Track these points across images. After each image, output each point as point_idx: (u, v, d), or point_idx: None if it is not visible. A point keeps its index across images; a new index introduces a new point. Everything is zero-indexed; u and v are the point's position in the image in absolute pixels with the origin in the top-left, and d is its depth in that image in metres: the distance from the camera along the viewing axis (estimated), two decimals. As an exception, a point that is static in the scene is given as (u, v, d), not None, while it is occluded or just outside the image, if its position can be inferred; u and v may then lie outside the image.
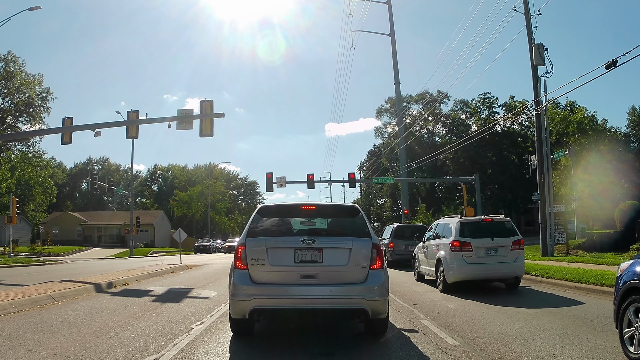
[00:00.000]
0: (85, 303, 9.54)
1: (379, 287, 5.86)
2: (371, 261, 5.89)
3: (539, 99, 18.92)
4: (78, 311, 8.49)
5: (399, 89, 49.11)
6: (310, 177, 39.49)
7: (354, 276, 5.83)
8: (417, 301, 9.78)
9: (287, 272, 5.84)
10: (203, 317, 7.80)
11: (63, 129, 22.17)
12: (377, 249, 6.00)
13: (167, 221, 75.40)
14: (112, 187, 42.99)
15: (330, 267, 5.84)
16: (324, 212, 7.01)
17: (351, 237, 6.07)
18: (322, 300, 5.75)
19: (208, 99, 20.43)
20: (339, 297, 5.76)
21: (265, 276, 5.83)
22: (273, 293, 5.76)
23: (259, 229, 6.21)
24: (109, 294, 11.03)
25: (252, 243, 5.98)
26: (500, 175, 48.51)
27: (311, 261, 5.84)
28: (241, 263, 5.92)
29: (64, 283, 11.77)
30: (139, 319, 7.68)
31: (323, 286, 5.78)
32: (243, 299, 5.77)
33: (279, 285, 5.80)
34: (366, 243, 6.00)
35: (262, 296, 5.73)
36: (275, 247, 5.94)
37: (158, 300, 9.86)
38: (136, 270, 17.15)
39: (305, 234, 6.11)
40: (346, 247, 5.92)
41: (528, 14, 19.75)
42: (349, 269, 5.84)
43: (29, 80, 48.68)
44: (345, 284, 5.81)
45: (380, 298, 5.87)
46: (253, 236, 6.08)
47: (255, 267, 5.85)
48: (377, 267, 5.92)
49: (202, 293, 11.03)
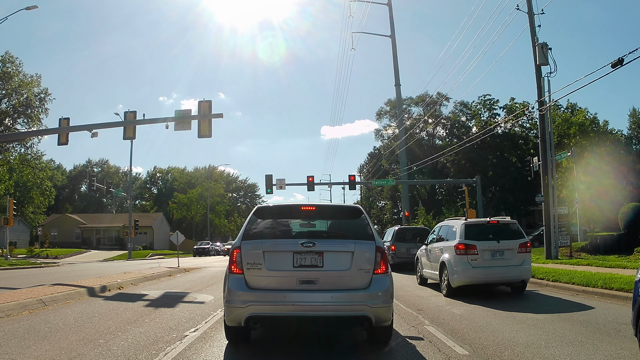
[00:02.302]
0: (76, 308, 9.21)
1: (383, 293, 5.46)
2: (375, 265, 5.51)
3: (542, 99, 18.61)
4: (68, 316, 8.15)
5: (400, 90, 48.81)
6: (310, 179, 39.24)
7: (357, 281, 5.46)
8: (421, 306, 9.46)
9: (286, 277, 5.44)
10: (198, 323, 7.47)
11: (59, 130, 21.88)
12: (381, 252, 5.61)
13: (167, 223, 75.05)
14: (110, 190, 42.66)
15: (331, 272, 5.45)
16: (325, 213, 6.59)
17: (353, 239, 5.69)
18: (323, 307, 5.36)
19: (206, 99, 20.16)
20: (340, 303, 5.37)
21: (262, 281, 5.44)
22: (270, 299, 5.37)
23: (256, 231, 5.79)
24: (102, 298, 10.70)
25: (248, 246, 5.58)
26: (501, 177, 48.17)
27: (311, 265, 5.46)
28: (236, 267, 5.51)
29: (56, 287, 11.43)
30: (131, 325, 7.35)
31: (324, 292, 5.39)
32: (238, 306, 5.37)
33: (277, 291, 5.39)
34: (370, 246, 5.60)
35: (258, 303, 5.34)
36: (273, 251, 5.54)
37: (152, 305, 9.52)
38: (132, 273, 16.82)
39: (304, 237, 5.72)
40: (348, 251, 5.54)
41: (531, 13, 19.49)
42: (352, 274, 5.46)
43: (27, 81, 48.35)
44: (348, 290, 5.42)
45: (385, 305, 5.48)
46: (249, 239, 5.67)
47: (251, 271, 5.45)
48: (382, 272, 5.54)
49: (198, 297, 10.69)
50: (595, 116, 46.28)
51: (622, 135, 47.76)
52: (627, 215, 24.00)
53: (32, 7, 24.09)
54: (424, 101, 55.20)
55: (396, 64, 48.14)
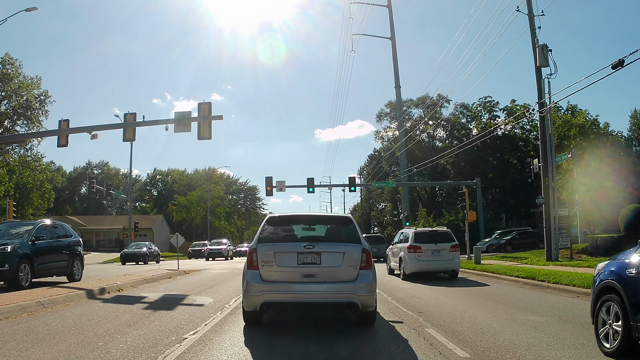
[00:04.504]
0: (75, 310, 9.17)
1: (368, 284, 6.80)
2: (361, 263, 6.82)
3: (542, 100, 18.60)
4: (67, 319, 8.11)
5: (400, 92, 48.85)
6: (310, 181, 39.23)
7: (347, 275, 6.77)
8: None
9: (291, 272, 6.77)
10: (197, 325, 7.43)
11: (59, 132, 21.85)
12: (366, 253, 6.92)
13: (166, 226, 74.91)
14: (110, 191, 42.60)
15: (327, 268, 6.77)
16: (322, 221, 8.21)
17: (345, 243, 7.03)
18: (320, 295, 6.74)
19: (206, 101, 20.14)
20: (334, 293, 6.74)
21: (273, 275, 6.77)
22: (279, 289, 6.73)
23: (268, 236, 7.14)
24: (101, 300, 10.64)
25: (262, 248, 6.89)
26: (501, 179, 48.06)
27: (311, 263, 6.77)
28: (253, 264, 6.82)
29: (54, 289, 11.37)
30: (130, 327, 7.30)
31: (321, 284, 6.72)
32: (255, 295, 6.72)
33: (284, 283, 6.75)
34: (357, 248, 6.91)
35: (270, 292, 6.71)
36: (282, 251, 6.87)
37: (151, 308, 9.47)
38: (132, 275, 16.77)
39: (306, 240, 7.02)
40: (340, 252, 6.84)
41: (531, 15, 19.49)
42: (343, 270, 6.78)
43: (27, 82, 48.33)
44: (340, 282, 6.75)
45: (368, 294, 6.82)
46: (263, 242, 6.99)
47: (264, 268, 6.78)
48: (366, 268, 6.85)
49: (197, 300, 10.64)
50: (596, 118, 46.26)
51: (622, 137, 47.69)
52: (627, 217, 23.96)
53: (32, 8, 24.08)
54: (424, 103, 55.14)
55: (396, 66, 48.20)
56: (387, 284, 14.43)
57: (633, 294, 5.02)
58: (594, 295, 5.85)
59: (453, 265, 15.89)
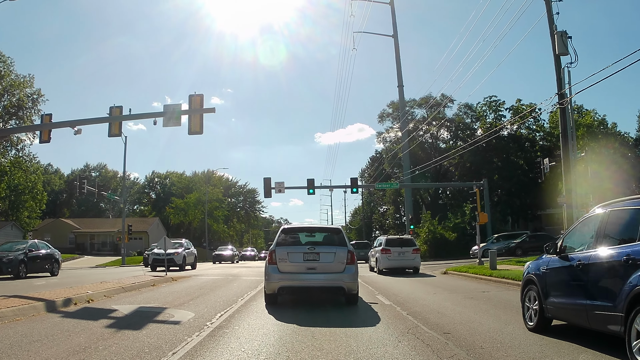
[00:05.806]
0: (21, 328, 7.55)
1: (352, 275, 9.90)
2: (347, 260, 9.84)
3: (563, 91, 17.02)
4: (3, 341, 6.52)
5: (402, 92, 47.33)
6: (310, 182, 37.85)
7: (337, 268, 9.80)
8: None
9: (299, 266, 9.79)
10: (164, 354, 5.83)
11: (41, 126, 20.41)
12: (350, 253, 10.01)
13: (163, 228, 73.21)
14: (102, 193, 41.05)
15: (323, 263, 9.80)
16: (320, 231, 11.54)
17: (336, 246, 10.16)
18: (319, 282, 9.79)
19: (198, 93, 18.43)
20: (328, 280, 9.77)
21: (286, 268, 9.79)
22: (291, 278, 9.75)
23: (283, 241, 10.24)
24: (61, 314, 9.01)
25: (279, 249, 9.94)
26: (507, 181, 46.44)
27: (312, 260, 9.79)
28: (273, 261, 9.83)
29: (10, 299, 9.75)
30: (76, 356, 5.71)
31: (319, 274, 9.79)
32: (274, 282, 9.75)
33: (294, 274, 9.78)
34: (344, 249, 10.03)
35: (285, 280, 9.73)
36: (292, 252, 9.91)
37: (115, 326, 7.84)
38: (110, 283, 15.12)
39: (309, 244, 10.18)
40: (333, 252, 9.94)
41: (549, 0, 17.93)
42: (334, 264, 9.81)
43: (19, 81, 46.85)
44: (332, 273, 9.79)
45: (352, 281, 9.90)
46: (279, 245, 10.05)
47: (281, 263, 9.80)
48: (351, 264, 9.87)
49: (175, 315, 8.95)
50: (604, 118, 44.81)
51: (630, 137, 46.29)
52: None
53: (14, -3, 22.57)
54: (428, 103, 53.59)
55: (399, 65, 46.74)
56: (367, 277, 19.02)
57: (544, 284, 6.86)
58: (522, 286, 7.70)
59: (414, 264, 21.36)
